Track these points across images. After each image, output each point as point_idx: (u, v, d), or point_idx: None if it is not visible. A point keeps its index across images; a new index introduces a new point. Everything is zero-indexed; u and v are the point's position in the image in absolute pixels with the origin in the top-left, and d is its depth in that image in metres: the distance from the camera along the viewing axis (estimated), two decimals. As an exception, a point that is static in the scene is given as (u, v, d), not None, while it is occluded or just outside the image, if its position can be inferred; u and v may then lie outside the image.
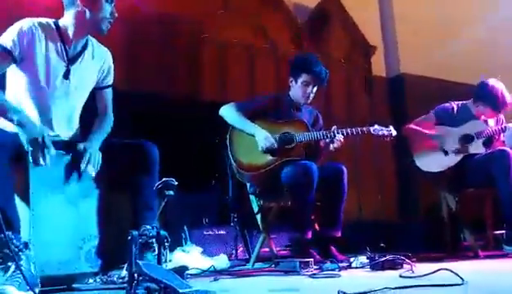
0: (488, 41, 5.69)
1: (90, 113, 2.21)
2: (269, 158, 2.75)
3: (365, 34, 5.74)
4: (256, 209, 2.89)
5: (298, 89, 2.92)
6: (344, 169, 2.77)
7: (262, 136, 2.75)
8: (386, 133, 2.82)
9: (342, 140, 2.78)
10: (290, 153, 2.77)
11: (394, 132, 2.84)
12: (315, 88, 2.92)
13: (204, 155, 3.68)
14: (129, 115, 3.56)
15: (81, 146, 1.96)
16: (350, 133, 2.79)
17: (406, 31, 5.85)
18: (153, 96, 4.12)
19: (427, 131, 3.17)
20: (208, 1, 4.71)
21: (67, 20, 2.03)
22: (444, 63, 5.59)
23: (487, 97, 3.10)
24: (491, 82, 3.12)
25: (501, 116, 3.23)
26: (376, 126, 2.84)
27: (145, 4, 4.29)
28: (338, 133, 2.76)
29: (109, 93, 2.23)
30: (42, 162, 1.79)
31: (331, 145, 2.79)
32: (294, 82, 2.95)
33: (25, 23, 1.96)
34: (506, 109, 3.12)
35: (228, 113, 2.86)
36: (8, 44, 1.92)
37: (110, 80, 2.23)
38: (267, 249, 2.96)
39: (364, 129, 2.82)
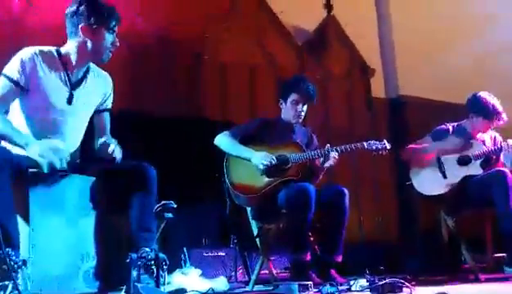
0: (485, 57, 5.76)
1: (87, 135, 2.25)
2: (265, 180, 2.76)
3: (364, 56, 5.81)
4: (255, 232, 2.88)
5: (288, 109, 2.96)
6: (346, 192, 2.76)
7: (259, 156, 2.77)
8: (380, 147, 2.82)
9: (336, 157, 2.79)
10: (287, 174, 2.78)
11: (388, 146, 2.84)
12: (305, 106, 2.95)
13: (205, 175, 3.69)
14: (129, 134, 3.58)
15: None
16: (344, 150, 2.80)
17: (405, 50, 5.93)
18: (153, 115, 4.15)
19: (425, 145, 3.18)
20: (209, 20, 4.78)
21: (69, 48, 2.09)
22: (442, 79, 5.66)
23: (478, 107, 3.14)
24: (482, 94, 3.18)
25: (498, 136, 3.25)
26: (370, 141, 2.84)
27: (146, 23, 4.36)
28: (332, 151, 2.77)
29: (107, 116, 2.28)
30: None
31: (326, 163, 2.79)
32: (284, 104, 2.99)
33: (27, 51, 2.01)
34: (499, 120, 3.13)
35: (222, 141, 2.90)
36: (14, 75, 1.96)
37: (109, 104, 2.28)
38: (266, 271, 2.94)
39: (358, 145, 2.82)
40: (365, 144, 2.82)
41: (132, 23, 4.25)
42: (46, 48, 2.07)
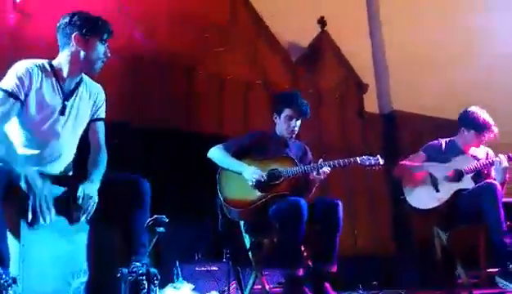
0: (475, 78, 5.82)
1: (82, 146, 2.24)
2: (258, 194, 2.76)
3: (357, 72, 5.86)
4: (248, 246, 2.87)
5: (282, 124, 2.97)
6: (340, 203, 2.75)
7: (250, 171, 2.77)
8: (373, 162, 2.81)
9: (328, 171, 2.79)
10: (279, 188, 2.78)
11: (382, 161, 2.83)
12: (298, 122, 2.97)
13: (198, 189, 3.68)
14: (124, 148, 3.59)
15: (80, 193, 1.94)
16: (337, 165, 2.80)
17: (398, 66, 5.99)
18: (148, 130, 4.16)
19: (417, 164, 3.21)
20: (206, 37, 4.82)
21: (61, 60, 2.11)
22: (436, 95, 5.71)
23: (469, 121, 3.19)
24: (473, 108, 3.24)
25: (490, 151, 3.27)
26: (363, 157, 2.84)
27: (142, 37, 4.39)
28: (324, 166, 2.78)
29: (101, 126, 2.26)
30: (42, 221, 1.81)
31: (318, 177, 2.80)
32: (278, 118, 3.00)
33: (21, 65, 2.03)
34: (490, 133, 3.17)
35: (215, 154, 2.91)
36: (13, 88, 1.96)
37: (102, 113, 2.27)
38: (259, 286, 2.92)
39: (351, 160, 2.81)
40: (358, 159, 2.83)
41: (128, 36, 4.29)
42: (39, 61, 2.09)
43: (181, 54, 4.62)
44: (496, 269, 2.87)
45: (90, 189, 1.97)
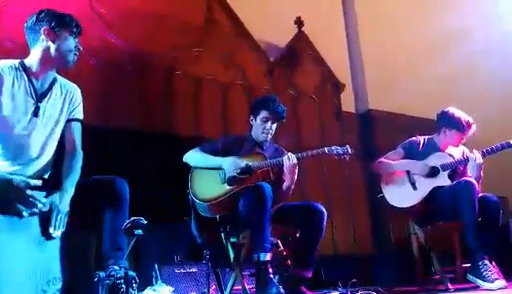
0: (448, 77, 5.95)
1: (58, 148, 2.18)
2: (227, 187, 2.77)
3: (334, 72, 5.91)
4: (232, 255, 2.84)
5: (258, 126, 2.99)
6: (325, 212, 2.74)
7: (230, 162, 2.79)
8: (342, 151, 2.84)
9: (295, 161, 2.77)
10: (248, 181, 2.77)
11: (350, 150, 2.86)
12: (274, 124, 2.98)
13: (176, 191, 3.64)
14: (101, 151, 3.53)
15: (54, 201, 1.88)
16: (306, 155, 2.80)
17: (374, 66, 6.07)
18: (125, 132, 4.10)
19: (395, 162, 3.25)
20: (182, 37, 4.79)
21: (33, 58, 2.07)
22: (412, 94, 5.81)
23: (450, 121, 3.25)
24: (451, 108, 3.30)
25: (466, 149, 3.34)
26: (332, 147, 2.86)
27: (119, 39, 4.33)
28: (294, 157, 2.78)
29: (77, 126, 2.21)
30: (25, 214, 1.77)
31: (289, 170, 2.79)
32: (254, 120, 3.02)
33: None
34: (471, 131, 3.24)
35: (191, 157, 2.92)
36: None
37: (78, 113, 2.22)
38: (239, 287, 2.91)
39: (319, 151, 2.84)
40: (326, 149, 2.85)
41: (104, 38, 4.22)
42: (10, 62, 2.05)
43: (158, 55, 4.57)
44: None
45: (63, 202, 1.90)
